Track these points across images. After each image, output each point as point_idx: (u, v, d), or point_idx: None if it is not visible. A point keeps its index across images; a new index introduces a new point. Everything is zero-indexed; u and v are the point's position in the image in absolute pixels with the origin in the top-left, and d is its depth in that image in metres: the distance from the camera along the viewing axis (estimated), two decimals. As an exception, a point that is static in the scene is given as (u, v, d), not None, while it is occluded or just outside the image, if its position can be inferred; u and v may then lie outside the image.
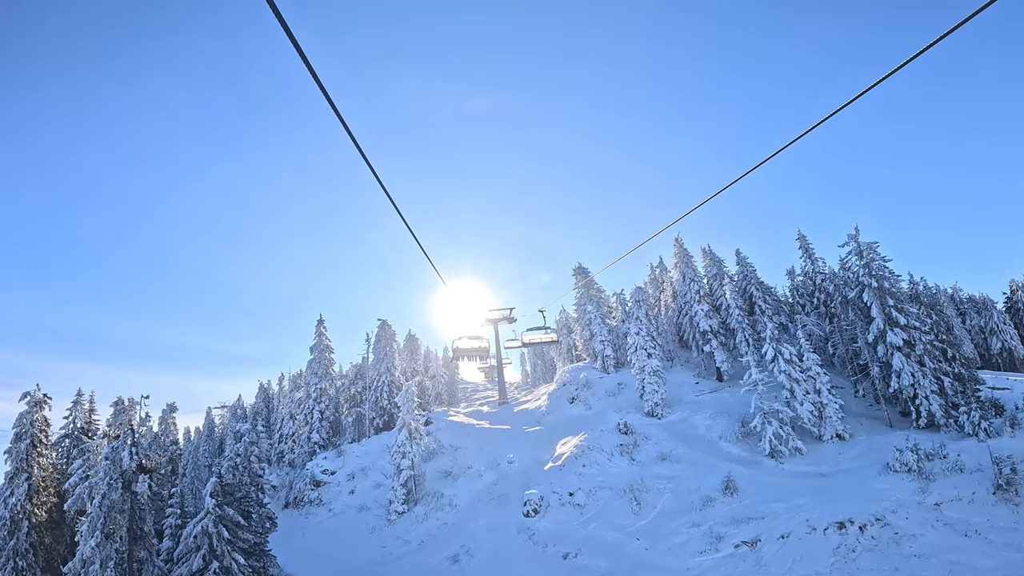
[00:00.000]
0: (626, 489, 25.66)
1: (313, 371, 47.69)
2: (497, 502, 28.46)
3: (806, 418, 27.93)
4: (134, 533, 17.92)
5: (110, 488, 16.65)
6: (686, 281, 42.86)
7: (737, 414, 30.89)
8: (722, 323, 40.97)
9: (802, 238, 42.91)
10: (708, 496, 23.83)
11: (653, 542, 22.12)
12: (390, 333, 51.61)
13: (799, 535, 20.77)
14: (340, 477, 39.14)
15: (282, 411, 53.56)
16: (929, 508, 22.09)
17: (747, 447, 28.03)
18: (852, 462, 25.96)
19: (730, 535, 21.22)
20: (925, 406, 28.31)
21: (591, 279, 49.35)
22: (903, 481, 23.17)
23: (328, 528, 33.99)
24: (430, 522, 28.78)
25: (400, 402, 33.86)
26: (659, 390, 34.22)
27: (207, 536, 20.55)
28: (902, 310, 30.30)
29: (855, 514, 21.43)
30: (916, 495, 22.47)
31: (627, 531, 23.18)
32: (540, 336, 26.31)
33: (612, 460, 28.44)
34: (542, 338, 26.44)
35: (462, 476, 32.65)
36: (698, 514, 23.00)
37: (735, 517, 22.21)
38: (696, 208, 6.33)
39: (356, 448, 42.44)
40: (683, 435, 29.95)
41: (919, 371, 29.04)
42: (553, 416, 39.39)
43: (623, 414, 33.89)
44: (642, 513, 24.09)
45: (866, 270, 31.54)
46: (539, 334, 26.42)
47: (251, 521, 23.29)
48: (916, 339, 29.86)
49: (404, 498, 31.01)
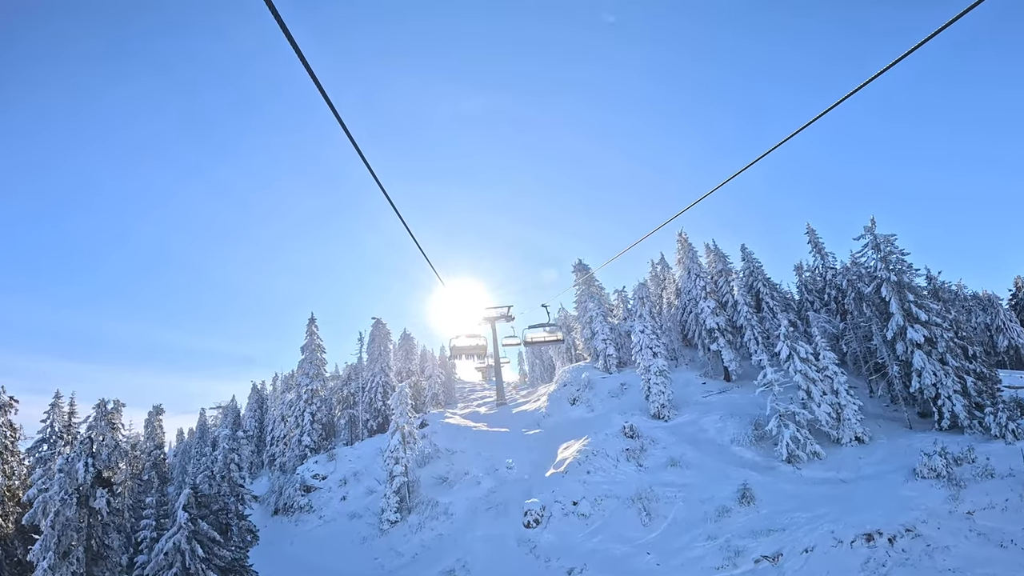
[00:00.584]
0: (634, 498, 23.95)
1: (304, 372, 45.94)
2: (496, 511, 26.74)
3: (824, 420, 26.32)
4: (93, 552, 16.17)
5: (64, 504, 14.94)
6: (691, 277, 41.22)
7: (749, 416, 29.26)
8: (729, 321, 39.36)
9: (811, 232, 41.39)
10: (723, 505, 22.16)
11: (665, 557, 20.43)
12: (384, 332, 49.91)
13: (824, 548, 19.15)
14: (331, 482, 37.46)
15: (274, 413, 51.80)
16: (961, 517, 20.59)
17: (762, 451, 26.38)
18: (874, 467, 24.38)
19: (749, 549, 19.56)
20: (948, 407, 26.80)
21: (592, 276, 47.73)
22: (932, 488, 21.64)
23: (318, 536, 32.30)
24: (424, 532, 27.04)
25: (393, 404, 32.12)
26: (666, 391, 32.55)
27: (179, 553, 18.81)
28: (922, 305, 28.75)
29: (883, 524, 19.88)
30: (947, 503, 20.97)
31: (636, 544, 21.48)
32: (544, 335, 23.70)
33: (618, 466, 26.73)
34: (546, 337, 23.80)
35: (458, 482, 30.93)
36: (713, 525, 21.32)
37: (753, 529, 20.55)
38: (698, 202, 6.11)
39: (349, 452, 40.76)
40: (693, 439, 28.28)
41: (941, 370, 27.52)
42: (553, 418, 37.72)
43: (628, 416, 32.21)
44: (652, 524, 22.39)
45: (883, 264, 29.99)
46: (543, 332, 23.73)
47: (230, 535, 21.55)
48: (937, 336, 28.33)
49: (397, 506, 29.27)
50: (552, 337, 24.20)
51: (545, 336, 23.86)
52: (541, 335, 23.74)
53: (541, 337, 23.83)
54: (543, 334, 23.76)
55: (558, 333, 24.43)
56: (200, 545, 18.80)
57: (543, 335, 23.79)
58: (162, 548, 18.94)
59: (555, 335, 24.25)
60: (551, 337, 24.09)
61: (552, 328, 24.09)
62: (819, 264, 40.89)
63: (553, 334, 24.14)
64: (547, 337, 23.95)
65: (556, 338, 24.41)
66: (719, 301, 40.17)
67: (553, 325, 24.27)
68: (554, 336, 24.23)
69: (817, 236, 41.01)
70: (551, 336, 24.04)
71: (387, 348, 49.69)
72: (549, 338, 24.04)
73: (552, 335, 24.13)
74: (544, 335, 23.81)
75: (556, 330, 24.47)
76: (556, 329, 24.52)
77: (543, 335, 23.79)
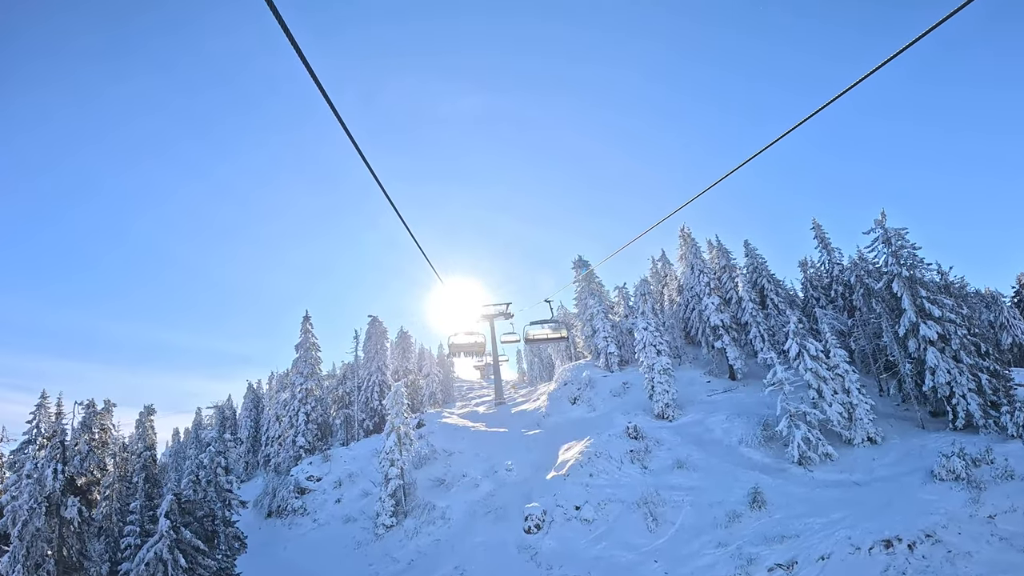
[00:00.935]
0: (639, 502, 22.92)
1: (299, 370, 44.83)
2: (495, 516, 25.70)
3: (835, 420, 25.36)
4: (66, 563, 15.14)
5: (32, 514, 13.92)
6: (694, 273, 40.25)
7: (756, 416, 28.29)
8: (733, 318, 38.41)
9: (817, 227, 40.34)
10: (733, 510, 21.15)
11: (673, 564, 19.43)
12: (381, 330, 48.92)
13: (841, 556, 18.20)
14: (326, 484, 36.45)
15: (269, 413, 50.73)
16: (982, 521, 19.72)
17: (771, 453, 25.40)
18: (888, 469, 23.44)
19: (762, 556, 18.58)
20: (963, 406, 25.88)
21: (592, 272, 46.70)
22: (951, 491, 20.73)
23: (312, 540, 31.28)
24: (421, 538, 26.01)
25: (388, 404, 31.07)
26: (670, 390, 31.56)
27: (161, 563, 17.77)
28: (936, 301, 27.81)
29: (902, 530, 18.96)
30: (967, 507, 20.07)
31: (642, 551, 20.47)
32: (547, 332, 21.97)
33: (622, 468, 25.71)
34: (549, 334, 22.04)
35: (456, 485, 29.90)
36: (723, 531, 20.33)
37: (766, 535, 19.57)
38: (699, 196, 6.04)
39: (344, 452, 39.74)
40: (699, 440, 27.27)
41: (955, 368, 26.59)
42: (554, 418, 36.76)
43: (631, 416, 31.22)
44: (659, 530, 21.38)
45: (895, 258, 29.05)
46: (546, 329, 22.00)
47: (217, 542, 20.50)
48: (951, 333, 27.40)
49: (393, 510, 28.24)
50: (556, 335, 22.39)
51: (548, 333, 22.10)
52: (544, 332, 22.00)
53: (544, 334, 22.08)
54: (546, 331, 22.02)
55: (562, 330, 22.60)
56: (183, 555, 17.77)
57: (546, 332, 22.05)
58: (143, 558, 17.89)
59: (559, 332, 22.42)
60: (555, 334, 22.30)
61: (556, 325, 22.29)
62: (825, 260, 39.90)
63: (557, 331, 22.30)
64: (550, 334, 22.19)
65: (560, 335, 22.60)
66: (723, 297, 39.20)
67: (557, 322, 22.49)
68: (558, 333, 22.40)
69: (823, 231, 39.99)
70: (555, 333, 22.25)
71: (384, 346, 48.69)
72: (553, 335, 22.29)
73: (556, 332, 22.30)
74: (547, 332, 22.06)
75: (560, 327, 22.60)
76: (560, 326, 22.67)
77: (546, 332, 22.05)
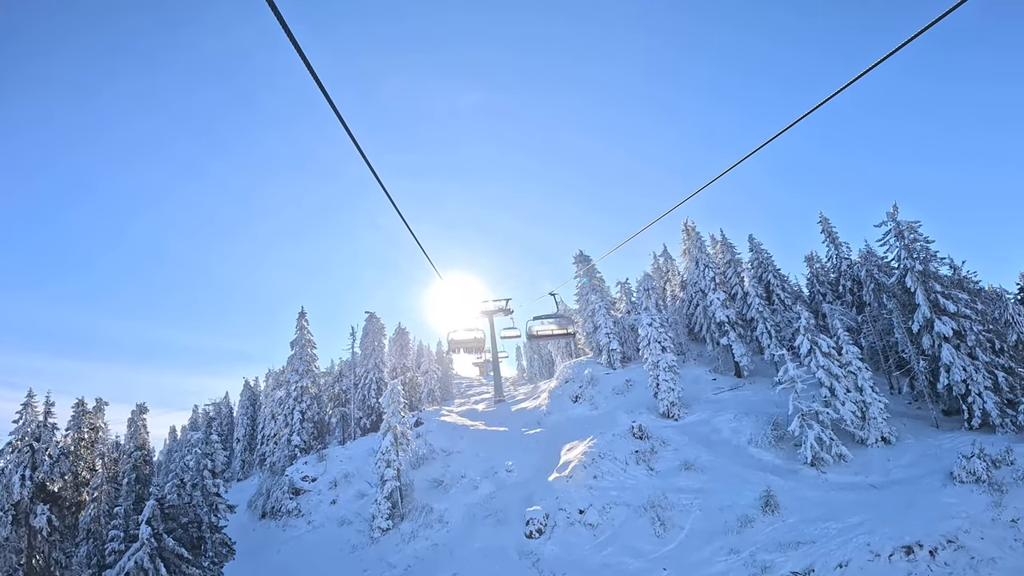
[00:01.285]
0: (646, 506, 21.95)
1: (294, 368, 43.85)
2: (495, 519, 24.75)
3: (849, 420, 24.43)
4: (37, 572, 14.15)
5: (-2, 524, 12.98)
6: (699, 268, 39.26)
7: (765, 415, 27.35)
8: (739, 314, 37.45)
9: (824, 221, 39.35)
10: (745, 514, 20.20)
11: (683, 572, 18.49)
12: (378, 327, 47.93)
13: (860, 563, 17.28)
14: (321, 484, 35.53)
15: (265, 411, 49.77)
16: (1005, 525, 18.80)
17: (782, 454, 24.46)
18: (905, 471, 22.52)
19: (777, 564, 17.64)
20: (979, 404, 25.00)
21: (593, 267, 45.67)
22: (972, 494, 19.80)
23: (306, 543, 30.34)
24: (418, 542, 25.05)
25: (385, 403, 30.09)
26: (675, 388, 30.61)
27: (142, 572, 16.79)
28: (950, 296, 26.89)
29: (923, 535, 18.04)
30: (989, 510, 19.15)
31: (650, 558, 19.52)
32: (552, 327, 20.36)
33: (627, 470, 24.75)
34: (555, 330, 20.43)
35: (455, 486, 28.94)
36: (735, 537, 19.37)
37: (780, 541, 18.62)
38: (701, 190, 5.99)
39: (340, 452, 38.79)
40: (706, 440, 26.33)
41: (971, 365, 25.69)
42: (555, 417, 35.81)
43: (635, 415, 30.29)
44: (667, 536, 20.43)
45: (907, 252, 28.09)
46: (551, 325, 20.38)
47: (203, 549, 19.52)
48: (966, 329, 26.51)
49: (389, 512, 27.28)
50: (562, 331, 20.71)
51: (554, 329, 20.46)
52: (549, 328, 20.37)
53: (549, 330, 20.44)
54: (551, 327, 20.40)
55: (568, 326, 21.00)
56: (165, 564, 16.80)
57: (551, 328, 20.42)
58: (123, 567, 16.92)
59: (565, 328, 20.76)
60: (560, 331, 20.64)
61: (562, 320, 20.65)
62: (833, 255, 38.93)
63: (563, 327, 20.65)
64: (556, 330, 20.53)
65: (566, 331, 20.93)
66: (728, 293, 38.25)
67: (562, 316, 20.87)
68: (564, 329, 20.72)
69: (831, 225, 39.00)
70: (560, 329, 20.58)
71: (381, 343, 47.71)
72: (558, 331, 20.62)
73: (562, 328, 20.62)
74: (552, 328, 20.41)
75: (566, 323, 20.94)
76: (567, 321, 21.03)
77: (551, 328, 20.42)
